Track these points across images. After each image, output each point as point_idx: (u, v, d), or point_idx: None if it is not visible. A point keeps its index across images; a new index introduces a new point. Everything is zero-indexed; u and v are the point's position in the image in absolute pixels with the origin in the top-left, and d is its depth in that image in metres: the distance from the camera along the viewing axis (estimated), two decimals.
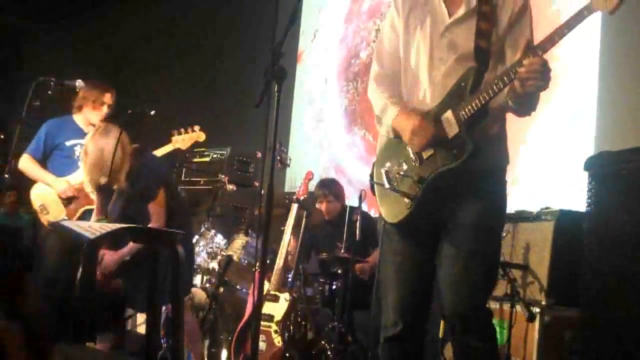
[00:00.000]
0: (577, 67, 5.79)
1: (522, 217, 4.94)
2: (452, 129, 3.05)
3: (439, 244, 3.18)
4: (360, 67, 7.90)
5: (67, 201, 5.65)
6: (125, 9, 11.19)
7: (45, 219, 5.69)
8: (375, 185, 3.32)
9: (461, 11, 3.19)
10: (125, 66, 10.31)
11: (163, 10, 10.67)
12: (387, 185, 3.21)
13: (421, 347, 3.33)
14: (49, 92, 5.23)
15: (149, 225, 4.74)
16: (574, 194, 5.01)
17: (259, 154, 6.52)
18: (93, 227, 3.91)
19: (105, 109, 5.89)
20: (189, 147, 5.81)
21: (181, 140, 5.70)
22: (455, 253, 3.11)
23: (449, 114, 3.06)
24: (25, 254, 9.52)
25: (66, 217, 5.59)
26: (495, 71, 3.13)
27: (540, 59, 2.90)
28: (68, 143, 5.83)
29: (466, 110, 3.01)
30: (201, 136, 5.78)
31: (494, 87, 2.95)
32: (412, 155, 3.18)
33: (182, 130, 5.73)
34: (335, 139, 8.07)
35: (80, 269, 4.16)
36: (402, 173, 3.19)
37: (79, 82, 5.51)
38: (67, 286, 4.62)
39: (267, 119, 3.05)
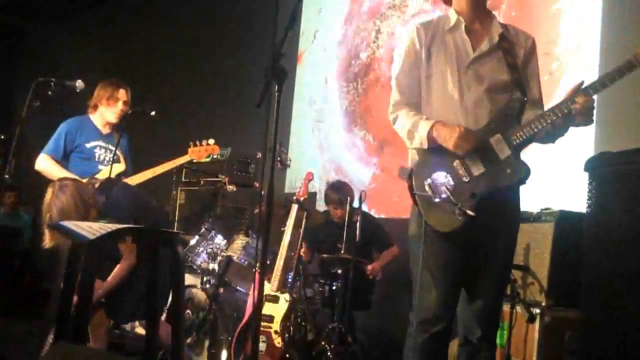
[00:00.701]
0: (577, 67, 5.79)
1: (522, 218, 4.92)
2: (504, 152, 3.39)
3: (475, 257, 3.47)
4: (361, 68, 7.90)
5: None
6: (125, 10, 11.19)
7: None
8: (417, 196, 3.47)
9: (485, 46, 3.51)
10: (125, 67, 10.31)
11: (162, 10, 10.67)
12: (435, 199, 3.41)
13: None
14: (49, 92, 5.22)
15: (120, 264, 4.79)
16: (574, 195, 5.00)
17: (259, 155, 6.53)
18: (93, 228, 3.91)
19: (120, 105, 5.87)
20: (203, 158, 5.96)
21: (197, 152, 5.92)
22: (491, 282, 3.48)
23: (498, 138, 3.39)
24: (25, 254, 9.55)
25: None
26: None
27: (591, 99, 3.32)
28: (88, 145, 5.82)
29: (518, 135, 3.37)
30: (215, 149, 6.00)
31: (547, 119, 3.32)
32: (460, 170, 3.40)
33: (198, 142, 5.93)
34: (335, 139, 8.07)
35: (80, 270, 4.16)
36: (450, 187, 3.40)
37: (79, 83, 5.48)
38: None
39: (267, 119, 3.06)
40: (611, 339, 3.81)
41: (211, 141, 5.93)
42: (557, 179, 5.68)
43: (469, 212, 3.31)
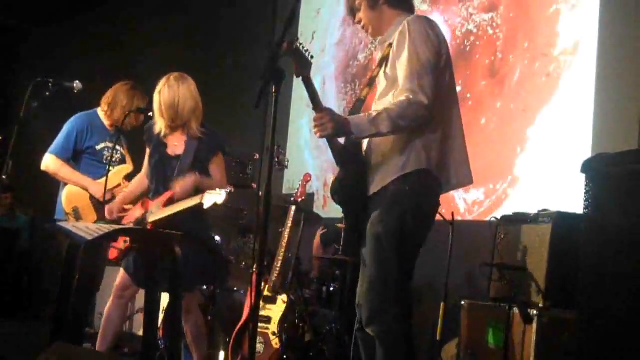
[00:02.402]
0: (575, 69, 5.79)
1: (519, 219, 4.94)
2: None
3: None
4: (358, 69, 7.90)
5: (99, 205, 5.44)
6: (123, 11, 11.19)
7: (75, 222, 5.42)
8: None
9: (378, 59, 3.74)
10: (123, 67, 10.31)
11: (160, 12, 10.66)
12: None
13: None
14: (47, 93, 5.20)
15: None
16: (571, 196, 5.01)
17: (257, 156, 6.52)
18: (90, 228, 3.91)
19: (139, 122, 5.75)
20: None
21: None
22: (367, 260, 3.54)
23: None
24: (23, 255, 9.55)
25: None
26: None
27: (315, 116, 3.47)
28: (98, 147, 5.67)
29: None
30: None
31: None
32: None
33: None
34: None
35: (78, 270, 4.15)
36: None
37: (77, 84, 5.44)
38: None
39: (265, 120, 3.07)
40: (608, 340, 3.81)
41: None
42: (555, 180, 5.69)
43: None
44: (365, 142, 3.66)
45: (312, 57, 3.54)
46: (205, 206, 4.50)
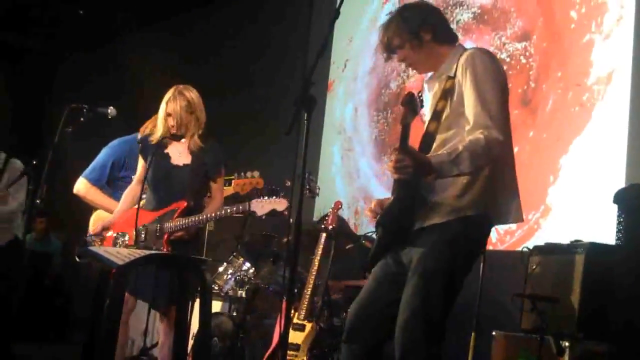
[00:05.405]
0: (608, 99, 5.76)
1: (552, 249, 4.91)
2: None
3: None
4: (391, 97, 7.90)
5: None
6: (153, 36, 11.29)
7: None
8: None
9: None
10: (155, 94, 10.39)
11: (193, 38, 10.75)
12: None
13: None
14: (82, 118, 5.26)
15: (212, 204, 5.01)
16: (605, 227, 4.97)
17: (288, 182, 6.52)
18: (122, 254, 3.93)
19: None
20: (247, 191, 5.61)
21: (242, 185, 5.44)
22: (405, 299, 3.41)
23: None
24: (56, 279, 9.63)
25: None
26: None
27: (395, 157, 3.29)
28: (134, 176, 5.69)
29: None
30: (260, 182, 5.54)
31: None
32: None
33: (243, 174, 5.52)
34: (365, 168, 8.07)
35: (109, 296, 4.17)
36: None
37: (111, 110, 5.49)
38: None
39: (297, 147, 3.07)
40: None
41: (256, 173, 5.50)
42: (587, 210, 5.65)
43: None
44: None
45: (422, 106, 3.45)
46: (259, 214, 4.56)
